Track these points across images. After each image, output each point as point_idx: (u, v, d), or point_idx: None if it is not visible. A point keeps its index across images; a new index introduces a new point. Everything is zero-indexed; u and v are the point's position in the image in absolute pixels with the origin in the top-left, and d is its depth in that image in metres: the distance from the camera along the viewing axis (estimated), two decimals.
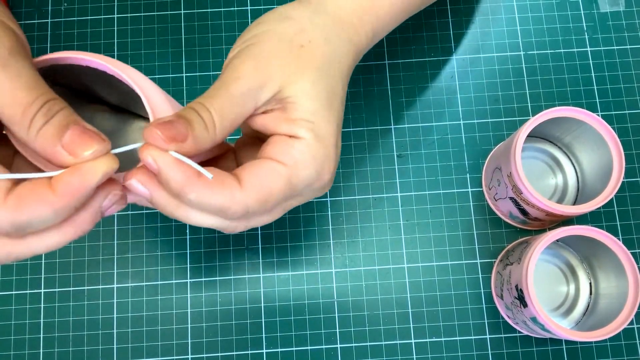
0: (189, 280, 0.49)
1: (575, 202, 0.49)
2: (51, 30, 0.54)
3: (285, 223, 0.50)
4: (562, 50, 0.53)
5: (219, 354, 0.47)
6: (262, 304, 0.48)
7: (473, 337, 0.48)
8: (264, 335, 0.48)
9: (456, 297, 0.48)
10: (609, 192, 0.42)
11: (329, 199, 0.50)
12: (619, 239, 0.47)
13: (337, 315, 0.48)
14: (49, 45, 0.53)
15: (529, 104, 0.52)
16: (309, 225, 0.50)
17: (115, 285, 0.49)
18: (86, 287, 0.49)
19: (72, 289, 0.49)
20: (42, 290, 0.49)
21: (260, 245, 0.50)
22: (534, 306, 0.40)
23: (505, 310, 0.47)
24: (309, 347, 0.48)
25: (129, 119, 0.34)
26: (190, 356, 0.47)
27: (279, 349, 0.48)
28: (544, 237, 0.41)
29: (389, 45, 0.54)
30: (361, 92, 0.52)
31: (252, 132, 0.34)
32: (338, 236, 0.50)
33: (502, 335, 0.48)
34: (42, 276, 0.49)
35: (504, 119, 0.52)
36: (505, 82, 0.53)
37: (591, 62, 0.53)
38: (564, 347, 0.47)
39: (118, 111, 0.35)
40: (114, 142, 0.30)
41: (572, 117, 0.43)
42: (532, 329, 0.44)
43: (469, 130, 0.52)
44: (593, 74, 0.53)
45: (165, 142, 0.26)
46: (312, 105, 0.30)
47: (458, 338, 0.48)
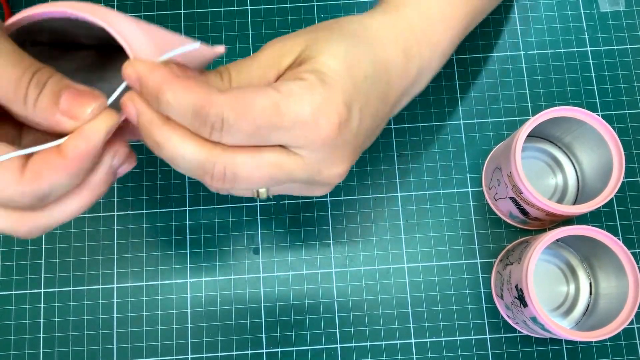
0: (189, 280, 0.49)
1: (575, 202, 0.49)
2: None
3: (285, 223, 0.50)
4: (562, 50, 0.53)
5: (219, 354, 0.47)
6: (262, 304, 0.48)
7: (473, 337, 0.48)
8: (264, 335, 0.48)
9: (456, 297, 0.48)
10: (609, 192, 0.42)
11: (329, 199, 0.50)
12: (619, 239, 0.47)
13: (337, 315, 0.48)
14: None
15: (529, 104, 0.52)
16: (309, 225, 0.50)
17: (115, 285, 0.49)
18: (86, 287, 0.49)
19: (72, 288, 0.49)
20: (42, 290, 0.49)
21: (260, 245, 0.50)
22: (534, 306, 0.40)
23: (505, 310, 0.47)
24: (309, 347, 0.48)
25: (119, 55, 0.33)
26: (190, 356, 0.47)
27: (279, 349, 0.48)
28: (544, 237, 0.41)
29: None
30: None
31: None
32: (338, 236, 0.50)
33: (502, 335, 0.48)
34: (42, 276, 0.49)
35: (504, 119, 0.52)
36: (505, 81, 0.53)
37: (591, 61, 0.53)
38: (564, 347, 0.47)
39: (105, 50, 0.33)
40: (109, 83, 0.30)
41: (572, 117, 0.43)
42: (532, 329, 0.44)
43: (469, 130, 0.52)
44: (593, 74, 0.53)
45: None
46: (324, 59, 0.27)
47: (458, 338, 0.48)
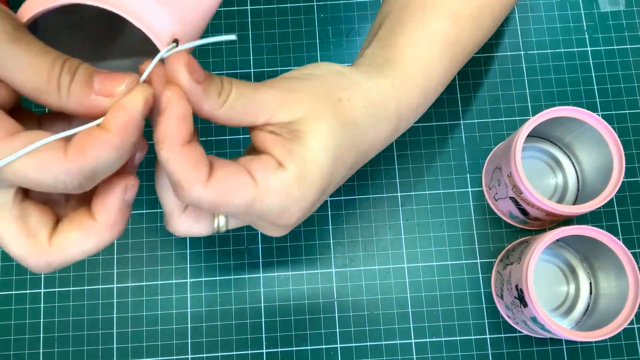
0: (189, 280, 0.49)
1: (575, 202, 0.49)
2: None
3: None
4: (562, 50, 0.53)
5: (219, 353, 0.47)
6: (262, 304, 0.48)
7: (473, 337, 0.48)
8: (264, 335, 0.48)
9: (456, 297, 0.48)
10: (609, 192, 0.42)
11: (329, 199, 0.50)
12: (619, 239, 0.47)
13: (337, 315, 0.48)
14: None
15: (529, 104, 0.52)
16: (309, 225, 0.50)
17: (115, 285, 0.49)
18: (86, 287, 0.49)
19: (72, 288, 0.49)
20: (42, 290, 0.49)
21: (260, 245, 0.50)
22: (534, 306, 0.40)
23: (505, 310, 0.47)
24: (309, 347, 0.48)
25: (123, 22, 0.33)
26: (190, 356, 0.47)
27: (279, 349, 0.48)
28: (544, 237, 0.41)
29: None
30: None
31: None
32: (338, 236, 0.50)
33: (502, 335, 0.48)
34: (42, 276, 0.49)
35: (504, 119, 0.52)
36: (505, 81, 0.53)
37: (591, 61, 0.53)
38: (564, 347, 0.47)
39: (105, 18, 0.34)
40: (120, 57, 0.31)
41: (572, 117, 0.43)
42: (532, 328, 0.44)
43: (469, 130, 0.52)
44: (593, 74, 0.53)
45: (185, 68, 0.26)
46: (317, 148, 0.30)
47: (458, 338, 0.48)
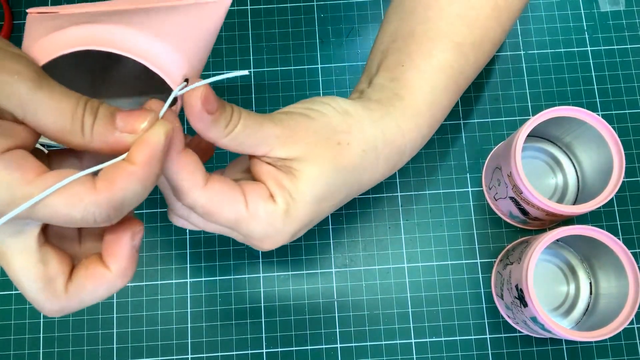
0: (189, 280, 0.49)
1: (575, 202, 0.49)
2: None
3: None
4: (562, 50, 0.53)
5: (219, 353, 0.47)
6: (262, 304, 0.48)
7: (473, 337, 0.48)
8: (264, 335, 0.48)
9: (456, 296, 0.48)
10: (609, 192, 0.42)
11: None
12: (619, 239, 0.47)
13: (337, 315, 0.48)
14: None
15: (529, 104, 0.52)
16: None
17: None
18: None
19: None
20: None
21: None
22: (534, 306, 0.40)
23: (505, 310, 0.47)
24: (309, 347, 0.48)
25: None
26: (190, 356, 0.47)
27: (279, 349, 0.48)
28: (544, 237, 0.41)
29: None
30: None
31: (247, 170, 0.35)
32: (338, 236, 0.50)
33: (502, 335, 0.48)
34: None
35: (504, 119, 0.52)
36: (505, 81, 0.52)
37: (591, 61, 0.53)
38: (564, 347, 0.47)
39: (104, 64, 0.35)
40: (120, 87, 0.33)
41: (572, 117, 0.43)
42: (532, 328, 0.44)
43: (469, 130, 0.52)
44: (593, 74, 0.52)
45: (200, 100, 0.28)
46: (306, 190, 0.32)
47: (458, 338, 0.48)
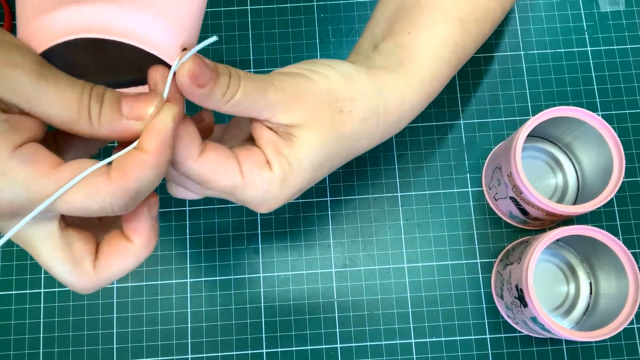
0: (189, 280, 0.49)
1: (575, 202, 0.49)
2: None
3: (285, 223, 0.50)
4: (562, 50, 0.53)
5: (219, 353, 0.47)
6: (262, 304, 0.48)
7: (473, 337, 0.48)
8: (264, 335, 0.48)
9: (456, 296, 0.48)
10: (609, 192, 0.42)
11: (329, 199, 0.50)
12: (619, 239, 0.47)
13: (337, 315, 0.48)
14: None
15: (529, 104, 0.52)
16: (309, 225, 0.50)
17: (115, 285, 0.49)
18: None
19: None
20: (42, 290, 0.49)
21: (260, 245, 0.50)
22: (534, 306, 0.40)
23: (505, 310, 0.47)
24: (309, 347, 0.48)
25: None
26: (190, 356, 0.47)
27: (279, 349, 0.48)
28: (544, 237, 0.41)
29: None
30: None
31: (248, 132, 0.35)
32: (338, 236, 0.50)
33: (502, 335, 0.48)
34: (42, 276, 0.49)
35: (504, 119, 0.52)
36: (505, 81, 0.53)
37: (591, 61, 0.53)
38: (564, 347, 0.47)
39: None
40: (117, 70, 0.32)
41: (572, 117, 0.43)
42: (532, 328, 0.44)
43: (469, 130, 0.52)
44: (593, 74, 0.53)
45: (187, 79, 0.28)
46: (304, 158, 0.32)
47: (458, 338, 0.48)
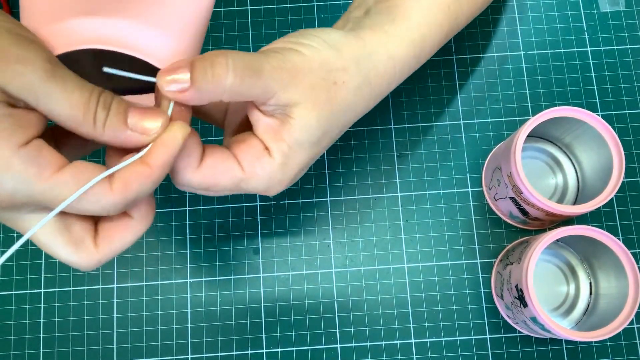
0: (189, 280, 0.49)
1: (575, 202, 0.49)
2: None
3: (285, 223, 0.50)
4: (562, 50, 0.53)
5: (219, 354, 0.47)
6: (262, 304, 0.48)
7: (473, 337, 0.48)
8: (264, 335, 0.48)
9: (456, 297, 0.48)
10: (609, 192, 0.42)
11: (329, 199, 0.50)
12: (619, 239, 0.47)
13: (337, 315, 0.48)
14: None
15: (529, 104, 0.52)
16: (309, 225, 0.50)
17: (115, 285, 0.49)
18: (86, 287, 0.49)
19: (72, 288, 0.49)
20: (42, 290, 0.49)
21: (260, 245, 0.50)
22: (534, 306, 0.40)
23: (505, 310, 0.47)
24: (309, 347, 0.48)
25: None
26: (190, 356, 0.47)
27: (279, 349, 0.48)
28: (544, 237, 0.41)
29: None
30: None
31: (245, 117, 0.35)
32: (338, 236, 0.50)
33: (502, 335, 0.48)
34: (42, 276, 0.49)
35: (504, 119, 0.52)
36: (505, 82, 0.53)
37: (591, 61, 0.53)
38: (564, 347, 0.47)
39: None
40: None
41: (572, 117, 0.43)
42: (532, 329, 0.44)
43: (469, 130, 0.52)
44: (593, 74, 0.53)
45: (169, 87, 0.28)
46: (303, 138, 0.32)
47: (458, 338, 0.48)
